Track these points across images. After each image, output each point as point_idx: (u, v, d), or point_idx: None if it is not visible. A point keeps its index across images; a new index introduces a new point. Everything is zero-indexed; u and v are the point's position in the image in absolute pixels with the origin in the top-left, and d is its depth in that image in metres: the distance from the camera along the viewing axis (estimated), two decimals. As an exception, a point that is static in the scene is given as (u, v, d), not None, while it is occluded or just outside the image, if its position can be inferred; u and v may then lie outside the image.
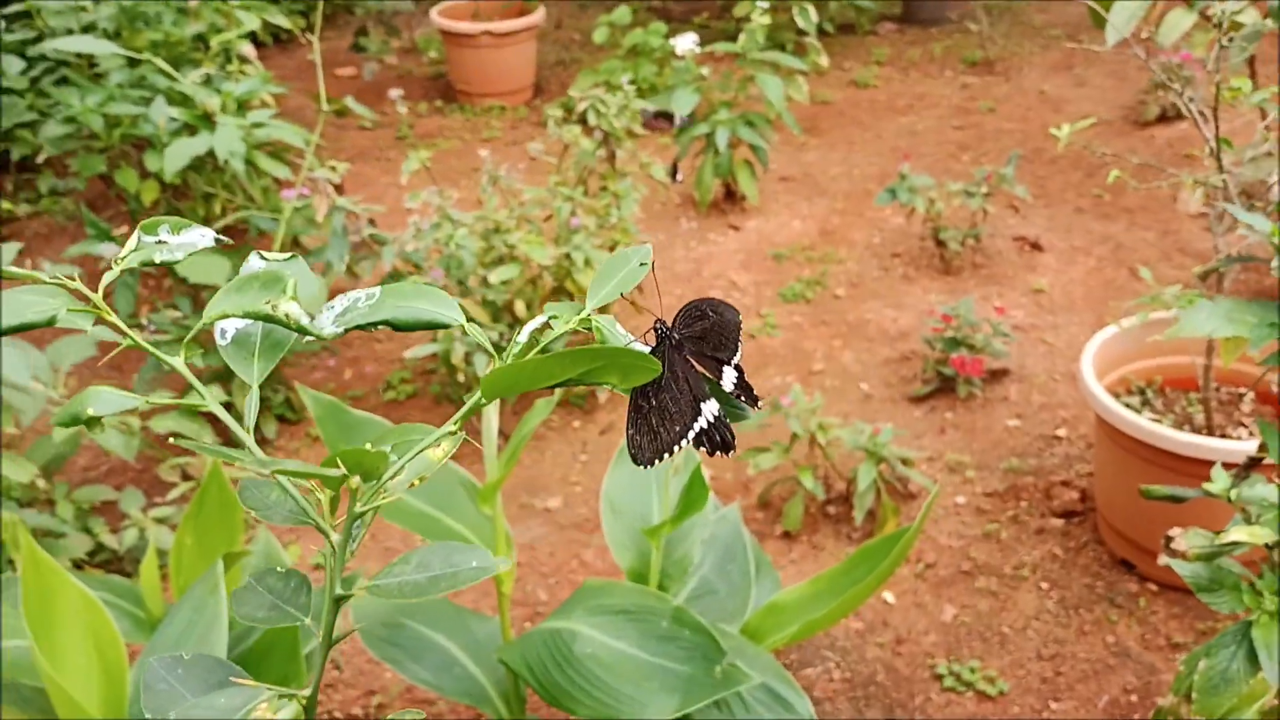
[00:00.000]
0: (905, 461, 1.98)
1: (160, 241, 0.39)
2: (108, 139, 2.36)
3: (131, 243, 0.39)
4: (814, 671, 1.74)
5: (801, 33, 3.24)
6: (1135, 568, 1.85)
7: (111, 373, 2.46)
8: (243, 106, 2.26)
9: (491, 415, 1.18)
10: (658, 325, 0.50)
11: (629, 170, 2.45)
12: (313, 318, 0.38)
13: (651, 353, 0.48)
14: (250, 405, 0.42)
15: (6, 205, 2.29)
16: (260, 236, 2.41)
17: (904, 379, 2.36)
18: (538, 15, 3.88)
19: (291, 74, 3.95)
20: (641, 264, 0.47)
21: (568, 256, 2.18)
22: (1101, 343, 1.89)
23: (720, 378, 0.50)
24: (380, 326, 0.39)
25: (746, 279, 2.76)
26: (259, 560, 1.56)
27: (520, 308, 2.17)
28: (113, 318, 0.39)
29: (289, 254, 0.40)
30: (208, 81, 2.30)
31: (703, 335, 0.51)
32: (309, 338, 0.39)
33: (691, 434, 0.47)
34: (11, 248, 1.58)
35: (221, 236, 0.40)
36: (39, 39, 2.45)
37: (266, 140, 2.24)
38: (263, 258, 0.39)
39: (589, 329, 0.43)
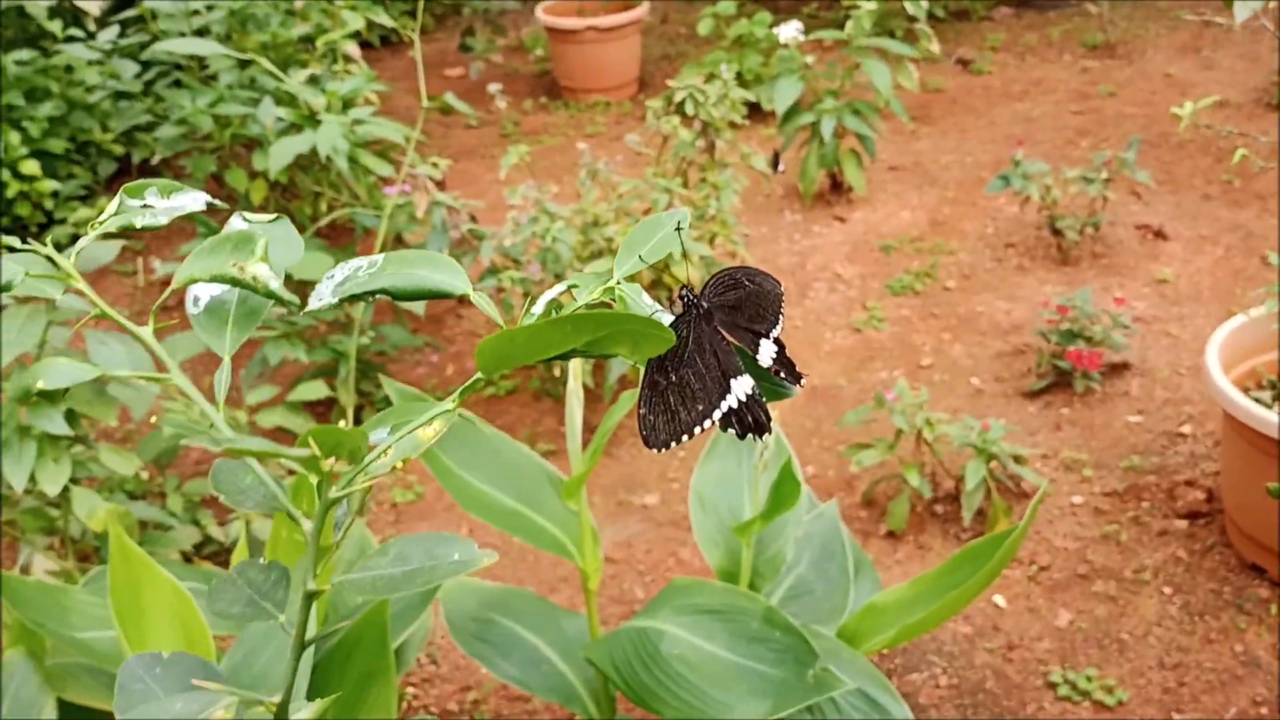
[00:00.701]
0: (1017, 459, 1.90)
1: (145, 205, 0.37)
2: (219, 139, 2.41)
3: (112, 207, 0.37)
4: (919, 677, 1.67)
5: (912, 19, 3.15)
6: (1265, 572, 1.73)
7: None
8: (348, 105, 2.29)
9: (575, 408, 1.16)
10: (683, 292, 0.45)
11: (729, 161, 2.41)
12: (312, 285, 0.35)
13: (675, 322, 0.43)
14: (221, 378, 0.39)
15: (124, 206, 2.35)
16: (365, 234, 2.44)
17: (1017, 374, 2.27)
18: (642, 9, 3.86)
19: (400, 75, 4.00)
20: (679, 228, 0.43)
21: (666, 249, 2.15)
22: (1229, 333, 1.78)
23: (757, 352, 0.45)
24: (379, 296, 0.36)
25: (852, 271, 2.69)
26: (352, 551, 1.56)
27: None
28: (81, 284, 0.37)
29: (274, 216, 0.37)
30: (314, 81, 2.34)
31: (737, 305, 0.46)
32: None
33: (718, 414, 0.42)
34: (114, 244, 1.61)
35: (216, 201, 0.37)
36: (153, 42, 2.51)
37: (371, 139, 2.26)
38: (245, 219, 0.36)
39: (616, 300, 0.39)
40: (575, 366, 1.29)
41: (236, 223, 0.36)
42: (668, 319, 0.43)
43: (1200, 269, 2.55)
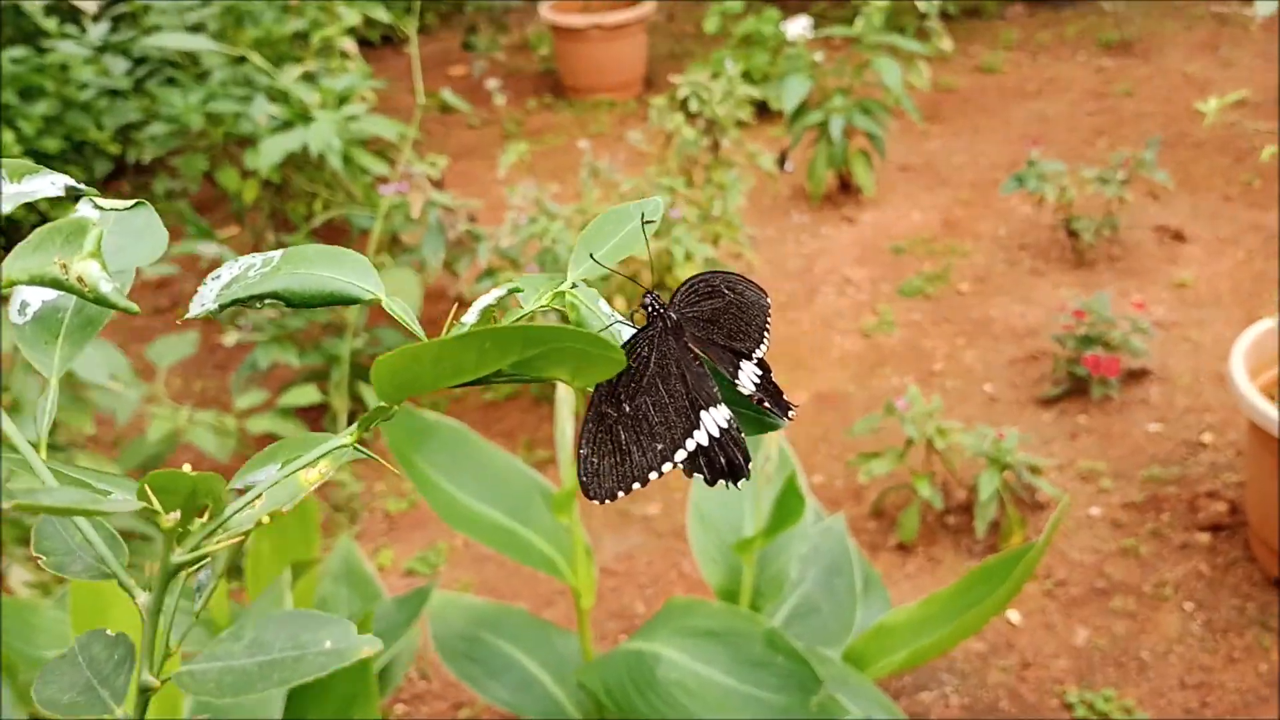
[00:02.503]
0: (1033, 469, 1.83)
1: None
2: (211, 138, 2.35)
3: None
4: (929, 696, 1.60)
5: (923, 16, 3.08)
6: (1294, 589, 1.66)
7: (214, 371, 2.45)
8: (344, 102, 2.23)
9: (565, 416, 1.09)
10: (647, 300, 0.37)
11: (735, 161, 2.34)
12: (118, 282, 0.28)
13: (636, 337, 0.36)
14: (45, 408, 0.32)
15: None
16: (361, 234, 2.38)
17: (1032, 380, 2.20)
18: (647, 7, 3.79)
19: (401, 73, 3.94)
20: (648, 220, 0.36)
21: (667, 250, 2.08)
22: (1254, 339, 1.71)
23: (736, 376, 0.37)
24: (270, 301, 0.30)
25: (862, 274, 2.62)
26: (338, 567, 1.50)
27: (621, 304, 2.08)
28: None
29: (133, 201, 0.30)
30: (308, 78, 2.28)
31: (713, 318, 0.38)
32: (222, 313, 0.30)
33: (681, 454, 0.34)
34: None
35: (80, 185, 0.30)
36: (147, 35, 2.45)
37: (366, 137, 2.20)
38: (97, 206, 0.30)
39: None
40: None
41: (85, 209, 0.30)
42: (630, 333, 0.36)
43: (1220, 272, 2.47)
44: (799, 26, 2.80)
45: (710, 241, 2.18)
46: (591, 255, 0.34)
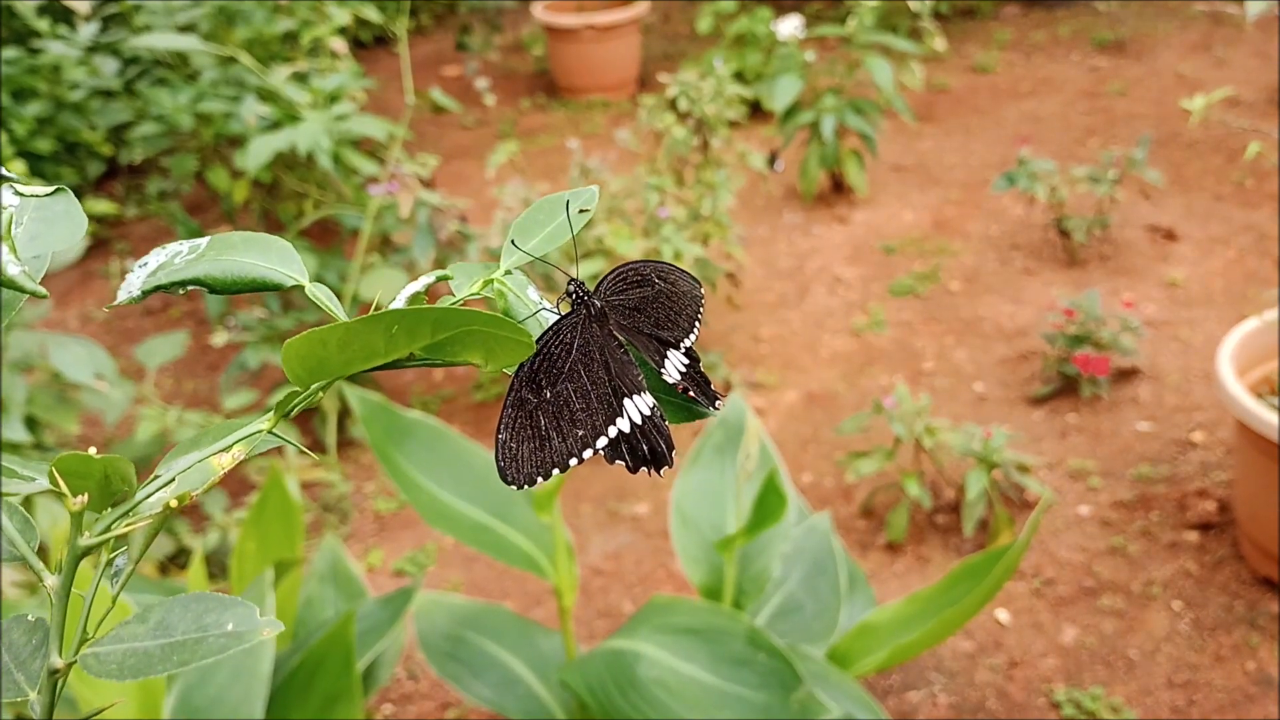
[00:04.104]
0: (1021, 468, 1.83)
1: None
2: (201, 138, 2.35)
3: None
4: (917, 695, 1.60)
5: (916, 17, 3.08)
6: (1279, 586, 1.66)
7: (204, 372, 2.45)
8: (334, 102, 2.22)
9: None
10: (571, 286, 0.37)
11: (725, 160, 2.34)
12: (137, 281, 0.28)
13: (559, 323, 0.35)
14: None
15: (108, 207, 2.29)
16: (352, 234, 2.37)
17: (1022, 379, 2.20)
18: (641, 8, 3.79)
19: (394, 74, 3.94)
20: (583, 210, 0.36)
21: (656, 249, 2.08)
22: (1242, 337, 1.70)
23: (661, 365, 0.37)
24: (191, 287, 0.30)
25: (853, 273, 2.62)
26: (324, 567, 1.49)
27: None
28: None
29: (53, 187, 0.30)
30: (298, 78, 2.27)
31: (639, 306, 0.38)
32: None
33: (603, 441, 0.34)
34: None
35: (23, 187, 0.30)
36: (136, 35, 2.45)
37: (356, 136, 2.20)
38: (17, 193, 0.29)
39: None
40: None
41: (6, 196, 0.29)
42: (554, 319, 0.36)
43: (1212, 271, 2.47)
44: (790, 26, 2.80)
45: (700, 241, 2.17)
46: (513, 242, 0.34)
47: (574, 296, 0.37)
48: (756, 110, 3.37)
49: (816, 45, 3.10)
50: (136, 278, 0.30)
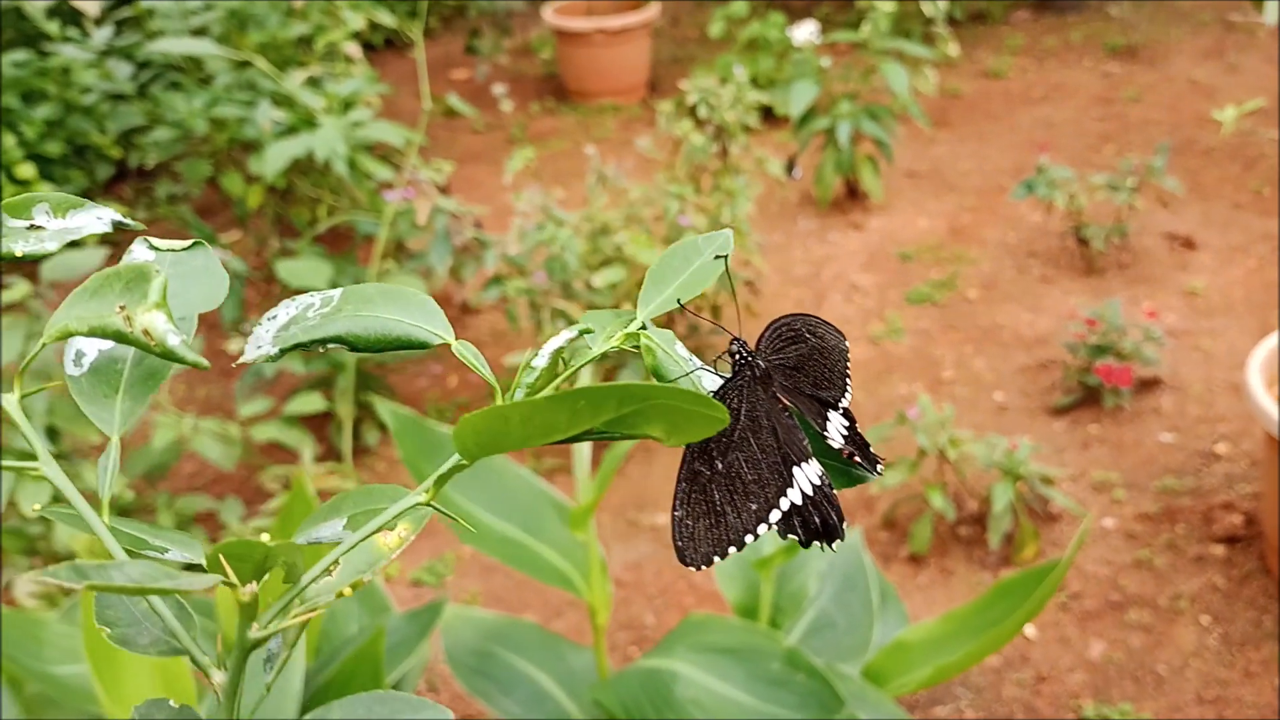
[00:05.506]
0: (1045, 480, 1.81)
1: (33, 226, 0.27)
2: (215, 143, 2.33)
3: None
4: (944, 710, 1.58)
5: (929, 22, 3.06)
6: (1312, 603, 1.64)
7: (220, 379, 2.43)
8: (349, 107, 2.21)
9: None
10: (734, 346, 0.34)
11: (743, 167, 2.32)
12: (187, 334, 0.26)
13: (724, 388, 0.33)
14: (107, 464, 0.30)
15: (117, 211, 2.28)
16: (366, 240, 2.36)
17: (1043, 389, 2.18)
18: (652, 11, 3.78)
19: (405, 77, 3.92)
20: (718, 256, 0.34)
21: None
22: (1270, 350, 1.69)
23: (824, 428, 0.35)
24: (332, 345, 0.28)
25: (869, 281, 2.61)
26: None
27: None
28: None
29: (191, 241, 0.28)
30: (313, 83, 2.26)
31: (798, 365, 0.36)
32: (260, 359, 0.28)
33: (776, 514, 0.32)
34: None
35: (127, 220, 0.28)
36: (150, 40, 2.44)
37: (371, 142, 2.18)
38: (153, 247, 0.27)
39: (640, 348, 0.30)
40: (584, 377, 1.20)
41: (140, 251, 0.27)
42: (713, 382, 0.34)
43: (1232, 280, 2.45)
44: (806, 31, 2.79)
45: (719, 248, 2.16)
46: (679, 302, 0.32)
47: (736, 356, 0.35)
48: (769, 115, 3.35)
49: (830, 51, 3.08)
50: (266, 332, 0.28)
